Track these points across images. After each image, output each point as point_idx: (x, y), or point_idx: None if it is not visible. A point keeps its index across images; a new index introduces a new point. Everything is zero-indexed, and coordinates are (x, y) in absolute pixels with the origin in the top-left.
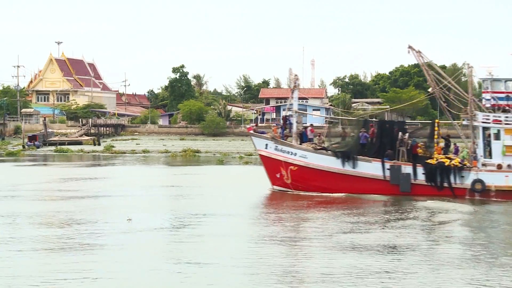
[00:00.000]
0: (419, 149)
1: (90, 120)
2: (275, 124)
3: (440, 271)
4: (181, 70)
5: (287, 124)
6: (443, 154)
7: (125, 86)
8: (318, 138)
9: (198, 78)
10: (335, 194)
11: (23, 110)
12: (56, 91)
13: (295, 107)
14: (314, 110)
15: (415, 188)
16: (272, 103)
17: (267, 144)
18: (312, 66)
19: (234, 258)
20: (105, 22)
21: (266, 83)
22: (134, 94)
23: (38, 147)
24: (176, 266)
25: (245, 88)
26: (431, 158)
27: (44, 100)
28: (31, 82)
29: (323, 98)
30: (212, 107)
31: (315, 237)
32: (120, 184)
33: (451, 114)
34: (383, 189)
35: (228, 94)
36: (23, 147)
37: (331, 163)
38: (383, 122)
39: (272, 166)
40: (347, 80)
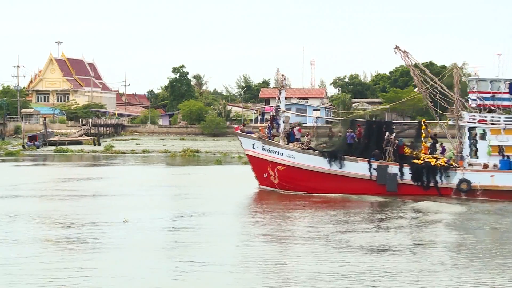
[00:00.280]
0: (406, 149)
1: (90, 120)
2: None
3: (427, 271)
4: (181, 70)
5: (275, 124)
6: (429, 154)
7: (125, 86)
8: (306, 138)
9: (198, 78)
10: (322, 194)
11: (23, 110)
12: (56, 91)
13: (282, 107)
14: (314, 110)
15: (402, 188)
16: (272, 103)
17: (254, 144)
18: (312, 66)
19: (222, 258)
20: (105, 22)
21: (266, 83)
22: (134, 94)
23: (38, 147)
24: (172, 265)
25: (245, 88)
26: (417, 158)
27: (44, 100)
28: (31, 82)
29: (323, 98)
30: (212, 107)
31: (304, 237)
32: (119, 184)
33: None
34: (370, 189)
35: (228, 94)
36: (23, 147)
37: (318, 163)
38: (370, 122)
39: (259, 166)
40: (347, 80)
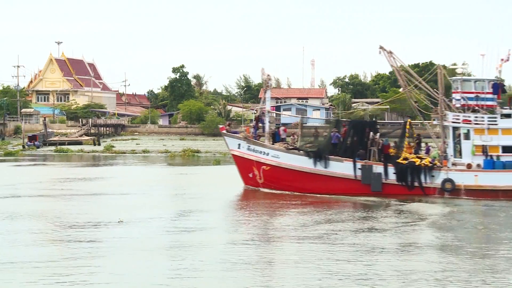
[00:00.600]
0: (391, 149)
1: (90, 120)
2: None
3: (413, 271)
4: (181, 70)
5: (260, 124)
6: (414, 154)
7: (125, 86)
8: (292, 138)
9: (198, 78)
10: (307, 194)
11: (23, 110)
12: (56, 91)
13: (268, 107)
14: (314, 110)
15: (386, 188)
16: (272, 103)
17: (239, 144)
18: (312, 66)
19: (208, 260)
20: (105, 22)
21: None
22: (134, 94)
23: (38, 147)
24: (166, 265)
25: (245, 88)
26: (399, 157)
27: (44, 100)
28: (31, 82)
29: (323, 98)
30: (212, 107)
31: (292, 236)
32: (116, 184)
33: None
34: (355, 188)
35: (228, 94)
36: (23, 147)
37: (303, 163)
38: (355, 122)
39: (244, 166)
40: (347, 80)
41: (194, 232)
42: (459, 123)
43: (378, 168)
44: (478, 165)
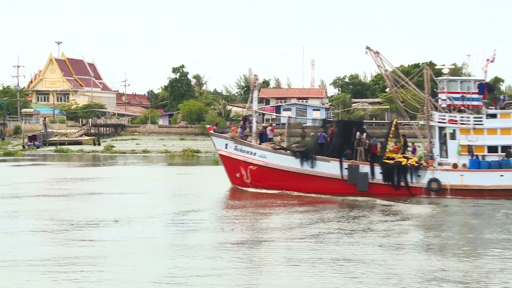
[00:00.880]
0: (378, 148)
1: (90, 120)
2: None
3: (398, 270)
4: (181, 70)
5: (247, 124)
6: (401, 154)
7: (125, 86)
8: (279, 137)
9: (198, 78)
10: (294, 193)
11: (23, 110)
12: (56, 91)
13: (255, 107)
14: (314, 110)
15: (373, 188)
16: (272, 103)
17: (227, 144)
18: (312, 66)
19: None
20: (105, 22)
21: (266, 83)
22: (134, 94)
23: (38, 147)
24: (161, 264)
25: (245, 88)
26: (387, 158)
27: (44, 100)
28: (31, 82)
29: (323, 98)
30: (212, 107)
31: (279, 238)
32: (115, 184)
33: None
34: (341, 188)
35: (228, 94)
36: (23, 147)
37: (290, 163)
38: (342, 122)
39: (231, 165)
40: (347, 80)
41: (186, 232)
42: (445, 123)
43: (365, 168)
44: (464, 165)
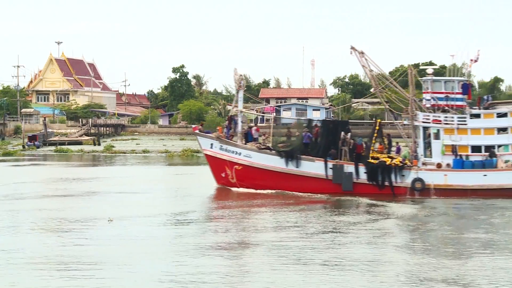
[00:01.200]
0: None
1: (90, 120)
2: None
3: (382, 269)
4: (181, 70)
5: (233, 124)
6: (385, 153)
7: (125, 86)
8: (264, 137)
9: (198, 78)
10: (278, 192)
11: (23, 110)
12: (56, 91)
13: (240, 107)
14: (314, 110)
15: (357, 187)
16: (272, 103)
17: (212, 144)
18: (312, 66)
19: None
20: (105, 22)
21: (266, 83)
22: (134, 94)
23: (38, 147)
24: (154, 264)
25: (245, 88)
26: (372, 158)
27: (44, 100)
28: (31, 82)
29: (323, 98)
30: (212, 107)
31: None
32: (114, 184)
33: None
34: (326, 188)
35: (228, 94)
36: (23, 147)
37: (275, 163)
38: (327, 122)
39: (217, 165)
40: (347, 80)
41: (176, 232)
42: (429, 123)
43: (349, 168)
44: (448, 164)
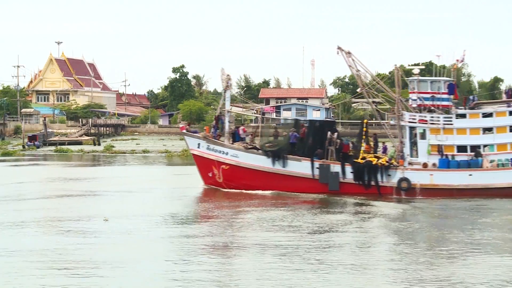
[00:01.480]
0: (349, 149)
1: (90, 120)
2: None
3: (370, 269)
4: (181, 70)
5: (220, 124)
6: (372, 153)
7: (125, 86)
8: (251, 137)
9: (198, 78)
10: (265, 192)
11: (23, 110)
12: (56, 91)
13: (227, 107)
14: (314, 110)
15: (344, 187)
16: (272, 103)
17: (199, 144)
18: (312, 66)
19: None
20: (105, 22)
21: (266, 83)
22: (134, 94)
23: (38, 147)
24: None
25: (245, 88)
26: (358, 157)
27: (44, 100)
28: (31, 82)
29: (323, 98)
30: (212, 107)
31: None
32: (112, 184)
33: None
34: (313, 187)
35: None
36: (23, 147)
37: (261, 162)
38: (314, 122)
39: (204, 165)
40: (347, 80)
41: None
42: (415, 123)
43: (336, 168)
44: (434, 164)
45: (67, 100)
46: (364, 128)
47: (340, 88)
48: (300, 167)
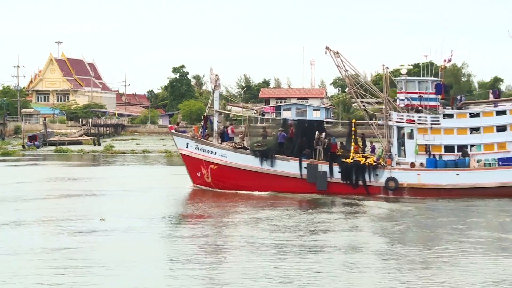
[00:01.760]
0: (338, 148)
1: (90, 120)
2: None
3: (359, 270)
4: (181, 70)
5: (208, 124)
6: (360, 153)
7: (125, 86)
8: (240, 137)
9: (198, 78)
10: (254, 192)
11: (23, 110)
12: (56, 91)
13: (216, 106)
14: (314, 110)
15: (332, 187)
16: (272, 103)
17: (188, 143)
18: (312, 66)
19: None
20: (105, 22)
21: (266, 83)
22: (134, 94)
23: (38, 147)
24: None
25: (245, 88)
26: (348, 157)
27: (44, 100)
28: (31, 82)
29: (323, 98)
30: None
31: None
32: (111, 184)
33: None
34: (300, 187)
35: (228, 94)
36: (23, 147)
37: (249, 162)
38: (302, 121)
39: (193, 165)
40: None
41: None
42: (403, 122)
43: (324, 167)
44: (421, 164)
45: (67, 100)
46: (353, 128)
47: (340, 88)
48: (288, 167)
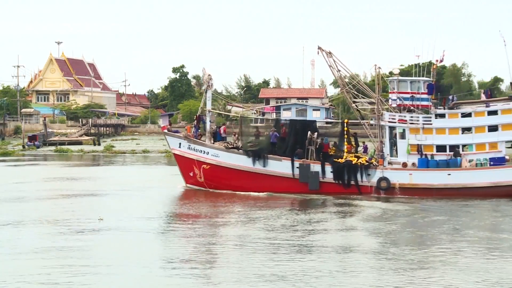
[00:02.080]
0: (330, 148)
1: (90, 120)
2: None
3: (352, 269)
4: (181, 70)
5: (201, 123)
6: (353, 153)
7: (125, 86)
8: (234, 137)
9: (198, 78)
10: (246, 193)
11: (23, 110)
12: (56, 91)
13: (209, 106)
14: (314, 110)
15: (324, 186)
16: (272, 103)
17: (180, 143)
18: (312, 66)
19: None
20: (105, 22)
21: (266, 83)
22: (134, 94)
23: (38, 147)
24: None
25: (245, 88)
26: (341, 157)
27: (44, 100)
28: (31, 82)
29: (323, 98)
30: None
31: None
32: (110, 184)
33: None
34: (293, 187)
35: (228, 94)
36: (23, 147)
37: (242, 162)
38: (294, 121)
39: (185, 164)
40: (346, 80)
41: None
42: (395, 122)
43: (316, 167)
44: (413, 164)
45: (67, 100)
46: (346, 128)
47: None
48: (280, 166)
